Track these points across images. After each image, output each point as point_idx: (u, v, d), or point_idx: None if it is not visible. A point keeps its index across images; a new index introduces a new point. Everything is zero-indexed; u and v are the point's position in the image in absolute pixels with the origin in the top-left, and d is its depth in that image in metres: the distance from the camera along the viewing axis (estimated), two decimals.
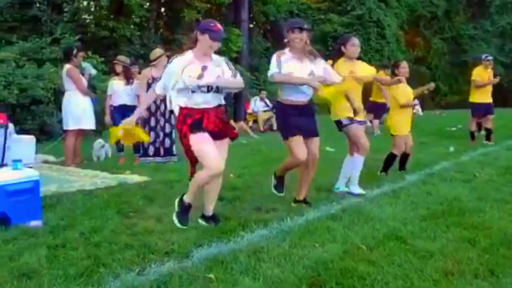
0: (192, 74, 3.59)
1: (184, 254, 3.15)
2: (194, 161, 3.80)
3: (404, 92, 5.93)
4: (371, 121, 10.85)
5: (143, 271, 2.85)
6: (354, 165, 4.99)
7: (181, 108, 3.67)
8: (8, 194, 3.77)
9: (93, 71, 7.70)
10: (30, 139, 6.84)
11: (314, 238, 3.49)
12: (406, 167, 6.17)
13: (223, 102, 3.83)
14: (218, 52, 3.87)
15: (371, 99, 10.78)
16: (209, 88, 3.64)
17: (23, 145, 6.25)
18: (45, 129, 11.13)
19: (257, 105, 15.15)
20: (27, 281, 2.72)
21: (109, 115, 7.64)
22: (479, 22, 30.78)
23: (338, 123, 4.95)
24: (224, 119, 3.82)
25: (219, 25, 3.66)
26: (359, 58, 5.02)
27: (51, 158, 7.64)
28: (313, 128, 4.48)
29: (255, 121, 15.03)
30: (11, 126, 4.15)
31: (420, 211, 4.22)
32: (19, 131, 7.87)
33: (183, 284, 2.67)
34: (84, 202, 4.60)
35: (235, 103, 19.17)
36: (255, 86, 18.48)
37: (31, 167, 4.22)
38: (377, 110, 10.92)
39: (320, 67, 4.35)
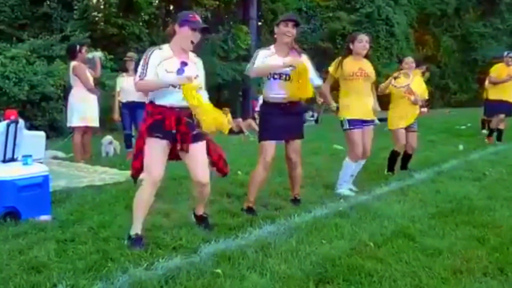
0: (169, 68, 3.30)
1: (192, 249, 3.16)
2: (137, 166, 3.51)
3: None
4: None
5: (151, 266, 2.87)
6: (345, 167, 4.97)
7: (147, 104, 3.41)
8: (18, 189, 3.81)
9: (99, 54, 7.73)
10: (40, 135, 6.86)
11: (322, 234, 3.48)
12: (410, 166, 6.11)
13: None
14: (227, 50, 3.78)
15: None
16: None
17: (33, 140, 6.27)
18: (55, 125, 11.22)
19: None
20: (36, 275, 2.74)
21: (117, 112, 7.68)
22: (489, 20, 30.51)
23: (342, 124, 4.92)
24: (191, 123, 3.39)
25: (197, 16, 3.42)
26: (367, 57, 4.96)
27: (60, 154, 7.69)
28: (296, 129, 4.31)
29: None
30: (21, 122, 4.17)
31: (428, 209, 4.21)
32: (29, 128, 7.93)
33: (190, 279, 2.68)
34: (93, 197, 4.63)
35: (243, 101, 19.23)
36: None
37: (41, 163, 4.24)
38: None
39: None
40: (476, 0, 30.49)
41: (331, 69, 4.92)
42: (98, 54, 7.62)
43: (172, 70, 3.31)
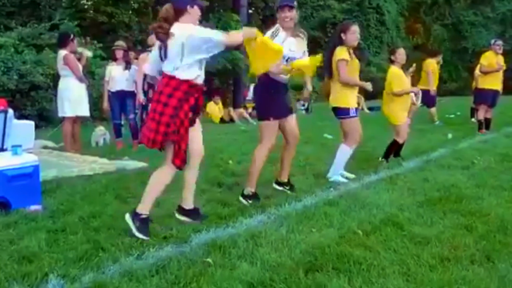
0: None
1: (182, 239, 3.17)
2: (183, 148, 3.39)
3: (400, 80, 5.88)
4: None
5: (141, 256, 2.89)
6: (343, 154, 5.04)
7: (183, 82, 3.30)
8: (8, 179, 3.81)
9: (89, 53, 7.67)
10: (29, 125, 6.82)
11: (311, 223, 3.52)
12: (402, 154, 6.16)
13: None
14: None
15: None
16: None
17: (23, 130, 6.24)
18: (44, 115, 11.15)
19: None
20: (27, 265, 2.76)
21: (107, 101, 7.65)
22: (479, 9, 30.60)
23: (341, 111, 4.96)
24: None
25: None
26: (357, 48, 5.00)
27: (50, 143, 7.66)
28: (290, 104, 4.47)
29: (254, 108, 15.02)
30: (10, 111, 4.15)
31: (417, 198, 4.25)
32: (19, 117, 7.86)
33: (181, 268, 2.70)
34: (83, 187, 4.63)
35: (234, 90, 19.17)
36: None
37: (30, 153, 4.23)
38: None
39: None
40: None
41: (345, 55, 4.85)
42: (87, 52, 7.54)
43: None
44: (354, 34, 4.85)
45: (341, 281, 2.53)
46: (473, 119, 10.53)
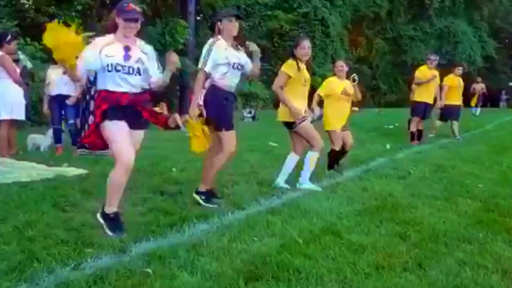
0: (112, 53, 3.42)
1: (121, 248, 3.11)
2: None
3: (331, 88, 6.06)
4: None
5: (78, 266, 2.81)
6: (309, 161, 5.10)
7: (99, 91, 3.52)
8: None
9: (29, 64, 7.37)
10: None
11: (254, 232, 3.55)
12: (342, 164, 6.32)
13: (147, 87, 3.67)
14: (164, 44, 3.80)
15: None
16: (131, 70, 3.47)
17: None
18: None
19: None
20: None
21: (47, 104, 7.40)
22: (419, 24, 32.12)
23: (289, 125, 5.03)
24: (147, 107, 3.66)
25: (132, 5, 3.48)
26: (307, 61, 5.14)
27: None
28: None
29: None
30: None
31: (355, 206, 4.39)
32: None
33: (119, 279, 2.65)
34: (19, 195, 4.44)
35: (180, 96, 19.03)
36: None
37: None
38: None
39: (245, 57, 4.45)
40: (407, 4, 31.92)
41: (288, 70, 4.97)
42: (28, 65, 7.24)
43: (113, 55, 3.41)
44: (303, 49, 4.98)
45: None
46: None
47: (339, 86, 6.05)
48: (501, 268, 2.98)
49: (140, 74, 3.53)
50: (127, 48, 3.48)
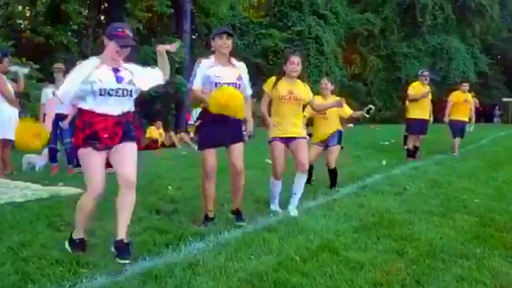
0: (103, 78, 3.32)
1: (117, 268, 3.09)
2: None
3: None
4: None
5: (74, 287, 2.78)
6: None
7: (84, 111, 3.36)
8: None
9: (25, 70, 7.34)
10: None
11: (250, 250, 3.52)
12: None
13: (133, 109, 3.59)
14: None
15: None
16: (125, 93, 3.40)
17: None
18: None
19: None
20: None
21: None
22: (412, 41, 32.42)
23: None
24: (133, 125, 3.55)
25: (127, 31, 3.41)
26: (299, 77, 4.93)
27: None
28: (236, 133, 4.34)
29: (195, 133, 14.99)
30: None
31: (352, 223, 4.37)
32: None
33: None
34: (13, 215, 4.41)
35: (176, 114, 19.07)
36: None
37: None
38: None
39: (242, 73, 4.35)
40: (400, 22, 32.27)
41: (265, 86, 4.89)
42: (23, 70, 7.21)
43: (105, 79, 3.33)
44: (292, 64, 4.79)
45: None
46: (406, 146, 11.00)
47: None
48: (499, 283, 2.97)
49: (131, 96, 3.47)
50: (116, 70, 3.40)
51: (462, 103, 10.03)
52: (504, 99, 33.77)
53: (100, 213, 4.43)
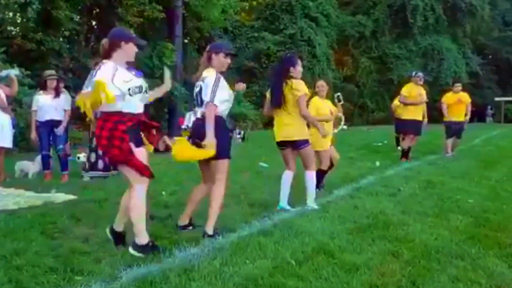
0: (127, 78, 3.42)
1: (112, 275, 3.07)
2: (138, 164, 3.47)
3: (316, 108, 6.02)
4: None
5: None
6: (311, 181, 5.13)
7: (109, 114, 3.39)
8: None
9: (16, 71, 7.25)
10: None
11: (246, 254, 3.51)
12: (333, 181, 6.31)
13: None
14: (152, 67, 3.83)
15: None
16: (146, 89, 3.57)
17: None
18: None
19: (191, 120, 15.00)
20: None
21: (35, 131, 7.31)
22: (403, 42, 32.57)
23: (301, 143, 5.01)
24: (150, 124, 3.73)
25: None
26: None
27: None
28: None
29: (190, 137, 14.91)
30: None
31: (347, 225, 4.37)
32: None
33: None
34: (6, 223, 4.37)
35: (169, 118, 19.00)
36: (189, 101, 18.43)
37: None
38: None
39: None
40: (392, 24, 32.42)
41: (305, 88, 4.99)
42: (13, 72, 7.14)
43: (130, 78, 3.42)
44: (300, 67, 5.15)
45: None
46: (399, 148, 11.02)
47: (325, 107, 6.10)
48: (494, 283, 2.98)
49: (146, 92, 3.63)
50: (130, 70, 3.53)
51: (456, 104, 10.08)
52: (496, 99, 34.00)
53: (93, 220, 4.43)
